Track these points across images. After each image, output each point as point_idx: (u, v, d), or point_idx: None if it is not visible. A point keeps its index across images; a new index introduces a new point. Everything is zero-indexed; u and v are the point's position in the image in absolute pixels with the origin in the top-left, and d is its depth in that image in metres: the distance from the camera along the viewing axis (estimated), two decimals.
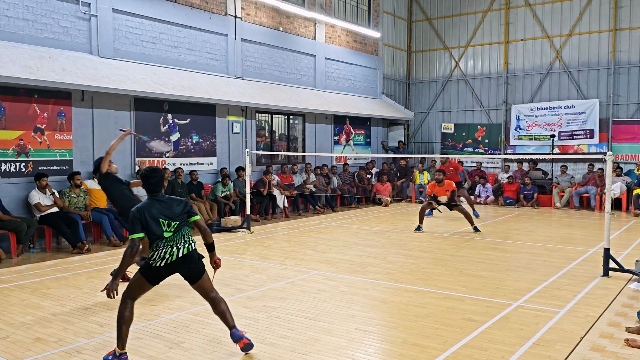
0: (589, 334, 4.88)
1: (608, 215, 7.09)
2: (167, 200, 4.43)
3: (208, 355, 4.43)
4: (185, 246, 4.38)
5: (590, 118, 16.54)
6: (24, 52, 8.98)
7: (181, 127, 11.85)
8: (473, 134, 18.86)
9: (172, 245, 4.33)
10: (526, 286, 6.58)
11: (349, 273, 7.31)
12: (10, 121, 8.95)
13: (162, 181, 4.49)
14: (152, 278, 4.38)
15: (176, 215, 4.39)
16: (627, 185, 14.41)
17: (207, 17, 12.43)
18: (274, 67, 14.42)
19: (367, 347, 4.62)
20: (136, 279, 4.40)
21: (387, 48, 19.37)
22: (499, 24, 18.29)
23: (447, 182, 10.79)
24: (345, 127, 17.23)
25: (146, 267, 4.37)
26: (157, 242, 4.33)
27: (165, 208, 4.37)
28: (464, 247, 9.27)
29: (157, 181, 4.45)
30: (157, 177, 4.45)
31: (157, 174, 4.44)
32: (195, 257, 4.44)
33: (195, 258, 4.44)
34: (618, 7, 16.17)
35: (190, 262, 4.39)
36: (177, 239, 4.36)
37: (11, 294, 6.30)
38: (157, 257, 4.32)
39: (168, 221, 4.34)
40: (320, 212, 13.99)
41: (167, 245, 4.32)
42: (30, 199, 8.91)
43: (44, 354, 4.47)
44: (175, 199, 4.49)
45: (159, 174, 4.47)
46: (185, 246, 4.37)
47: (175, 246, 4.34)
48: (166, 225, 4.33)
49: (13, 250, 8.37)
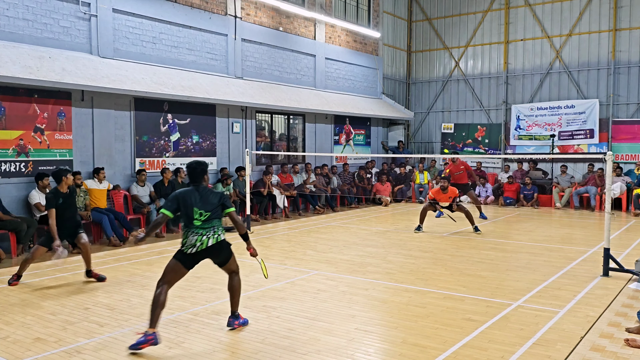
0: (589, 334, 4.88)
1: (608, 215, 7.09)
2: (205, 192, 4.89)
3: (208, 355, 4.43)
4: (215, 237, 4.82)
5: (590, 118, 16.54)
6: (24, 52, 8.98)
7: (181, 127, 11.85)
8: (473, 134, 18.86)
9: (202, 234, 4.76)
10: (526, 286, 6.58)
11: (349, 273, 7.31)
12: (10, 121, 8.95)
13: (203, 173, 4.95)
14: (186, 263, 4.81)
15: (210, 206, 4.83)
16: (627, 185, 14.41)
17: (207, 17, 12.43)
18: (274, 67, 14.42)
19: (367, 347, 4.62)
20: (172, 264, 4.81)
21: (387, 48, 19.38)
22: (499, 24, 18.29)
23: (451, 189, 10.77)
24: (345, 127, 17.23)
25: (179, 253, 4.83)
26: (187, 229, 4.80)
27: (202, 199, 4.83)
28: (464, 247, 9.26)
29: (200, 172, 4.92)
30: (200, 169, 4.92)
31: (201, 166, 4.93)
32: (223, 245, 4.90)
33: (224, 247, 4.91)
34: (618, 7, 16.17)
35: (219, 250, 4.87)
36: (206, 229, 4.79)
37: (11, 294, 6.30)
38: (188, 244, 4.77)
39: (201, 211, 4.79)
40: (320, 212, 14.00)
41: (197, 234, 4.76)
42: (31, 199, 8.91)
43: (43, 354, 4.47)
44: (213, 192, 4.96)
45: (202, 166, 4.94)
46: (214, 237, 4.81)
47: (205, 235, 4.77)
48: (198, 215, 4.78)
49: (13, 250, 8.37)
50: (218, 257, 4.93)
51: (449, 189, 10.73)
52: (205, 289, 6.47)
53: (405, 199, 16.78)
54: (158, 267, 7.68)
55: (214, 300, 5.99)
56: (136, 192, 10.55)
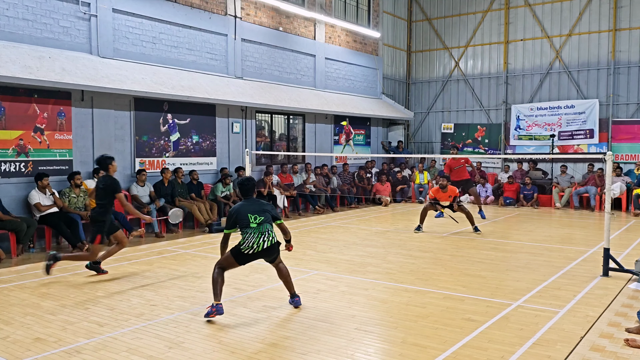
0: (588, 334, 4.88)
1: (608, 215, 7.09)
2: (255, 201, 5.62)
3: (208, 355, 4.43)
4: (270, 239, 5.46)
5: (590, 118, 16.54)
6: (23, 52, 8.98)
7: (181, 127, 11.85)
8: (473, 134, 18.86)
9: (259, 236, 5.39)
10: (526, 286, 6.58)
11: (348, 273, 7.31)
12: (10, 121, 8.95)
13: (253, 188, 5.69)
14: (240, 260, 5.49)
15: (261, 211, 5.50)
16: (627, 185, 14.41)
17: (207, 17, 12.43)
18: (274, 67, 14.42)
19: (367, 347, 4.62)
20: (228, 256, 5.51)
21: (387, 48, 19.38)
22: (499, 24, 18.30)
23: (451, 188, 10.73)
24: (345, 127, 17.23)
25: (237, 250, 5.43)
26: (245, 231, 5.41)
27: (254, 206, 5.53)
28: (464, 247, 9.27)
29: (250, 188, 5.68)
30: (250, 185, 5.67)
31: (250, 182, 5.68)
32: (276, 247, 5.56)
33: (276, 248, 5.56)
34: (618, 7, 16.18)
35: (272, 252, 5.53)
36: (262, 232, 5.42)
37: (11, 294, 6.30)
38: (246, 245, 5.39)
39: (255, 215, 5.46)
40: (320, 212, 14.00)
41: (254, 236, 5.39)
42: (30, 199, 8.91)
43: (43, 354, 4.47)
44: (263, 202, 5.64)
45: (252, 182, 5.69)
46: (270, 239, 5.45)
47: (261, 238, 5.40)
48: (253, 219, 5.44)
49: (13, 250, 8.37)
50: (270, 257, 5.57)
51: (448, 188, 10.69)
52: (205, 289, 6.47)
53: (405, 199, 16.78)
54: (158, 267, 7.68)
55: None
56: (136, 192, 10.55)
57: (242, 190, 5.66)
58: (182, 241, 9.90)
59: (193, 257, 8.45)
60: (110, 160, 6.98)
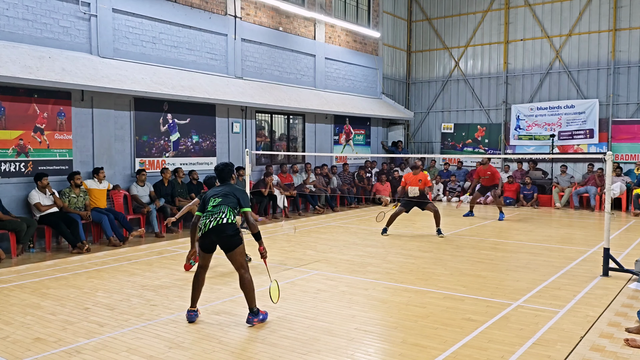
0: (588, 334, 4.88)
1: (608, 215, 7.09)
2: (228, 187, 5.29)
3: (208, 355, 4.43)
4: (217, 219, 5.06)
5: (590, 118, 16.54)
6: (23, 52, 8.98)
7: (181, 127, 11.85)
8: (473, 134, 18.86)
9: (209, 217, 5.10)
10: (526, 286, 6.58)
11: (348, 273, 7.31)
12: (10, 121, 8.94)
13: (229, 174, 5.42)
14: (202, 247, 5.19)
15: (222, 194, 5.19)
16: (627, 185, 14.42)
17: (207, 17, 12.43)
18: (274, 67, 14.42)
19: (367, 347, 4.62)
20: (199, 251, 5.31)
21: (387, 48, 19.38)
22: (499, 24, 18.29)
23: (422, 174, 10.55)
24: (345, 127, 17.23)
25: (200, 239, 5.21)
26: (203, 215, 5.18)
27: (222, 190, 5.24)
28: (464, 247, 9.27)
29: (226, 173, 5.40)
30: (226, 170, 5.40)
31: (226, 168, 5.41)
32: (226, 229, 5.07)
33: (227, 230, 5.07)
34: (618, 7, 16.18)
35: (220, 232, 5.06)
36: (214, 212, 5.10)
37: (11, 294, 6.30)
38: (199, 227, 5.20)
39: (214, 198, 5.20)
40: (320, 212, 13.99)
41: (206, 217, 5.12)
42: (30, 198, 8.91)
43: (43, 354, 4.47)
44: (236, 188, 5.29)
45: (228, 168, 5.42)
46: (217, 219, 5.06)
47: (209, 218, 5.09)
48: (212, 201, 5.19)
49: (13, 250, 8.36)
50: (220, 240, 5.09)
51: (420, 173, 10.52)
52: (205, 289, 6.44)
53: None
54: (158, 267, 7.68)
55: (213, 300, 5.99)
56: (136, 192, 10.55)
57: (218, 175, 5.46)
58: (182, 241, 9.90)
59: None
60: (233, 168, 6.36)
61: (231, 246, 5.11)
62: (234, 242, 5.12)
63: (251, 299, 5.14)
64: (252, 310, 5.14)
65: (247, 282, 5.13)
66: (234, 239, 5.11)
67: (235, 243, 5.12)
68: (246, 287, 5.13)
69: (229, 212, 5.13)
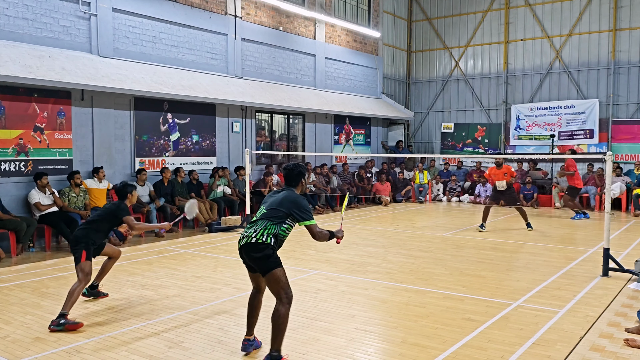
0: (588, 334, 4.88)
1: (608, 215, 7.09)
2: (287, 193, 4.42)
3: (207, 355, 4.43)
4: (248, 236, 4.21)
5: (590, 118, 16.54)
6: (23, 52, 8.97)
7: (181, 127, 11.85)
8: (473, 134, 18.86)
9: (247, 229, 4.31)
10: (526, 286, 6.58)
11: (348, 273, 7.31)
12: (10, 120, 8.94)
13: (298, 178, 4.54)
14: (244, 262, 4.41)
15: (271, 204, 4.35)
16: (627, 185, 14.41)
17: (207, 17, 12.43)
18: (274, 66, 14.42)
19: (366, 347, 4.62)
20: None
21: (387, 48, 19.37)
22: (499, 24, 18.29)
23: (506, 166, 11.00)
24: (345, 127, 17.23)
25: None
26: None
27: (277, 197, 4.40)
28: (464, 247, 9.27)
29: (294, 176, 4.52)
30: (295, 172, 4.52)
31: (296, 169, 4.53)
32: (254, 249, 4.18)
33: (255, 251, 4.18)
34: (618, 7, 16.17)
35: (248, 252, 4.23)
36: (251, 227, 4.29)
37: (11, 294, 6.30)
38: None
39: (263, 206, 4.41)
40: (319, 211, 13.99)
41: (246, 229, 4.33)
42: (30, 198, 8.91)
43: (43, 354, 4.47)
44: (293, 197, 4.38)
45: (298, 169, 4.54)
46: (248, 236, 4.21)
47: (246, 231, 4.29)
48: (259, 210, 4.40)
49: (13, 249, 8.36)
50: (251, 260, 4.27)
51: (504, 166, 10.94)
52: (205, 289, 6.47)
53: (405, 198, 16.77)
54: (157, 267, 7.68)
55: (213, 300, 5.99)
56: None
57: (285, 176, 4.58)
58: (181, 240, 9.90)
59: (193, 256, 8.45)
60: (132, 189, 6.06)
61: (263, 269, 4.19)
62: (267, 265, 4.17)
63: (277, 338, 4.08)
64: (272, 355, 4.08)
65: (279, 316, 4.09)
66: (265, 261, 4.16)
67: (268, 267, 4.16)
68: (276, 321, 4.09)
69: (265, 229, 4.21)
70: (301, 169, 4.56)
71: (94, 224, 5.71)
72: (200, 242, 9.78)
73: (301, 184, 4.58)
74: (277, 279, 4.16)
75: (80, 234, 5.61)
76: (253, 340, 4.51)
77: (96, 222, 5.74)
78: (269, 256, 4.18)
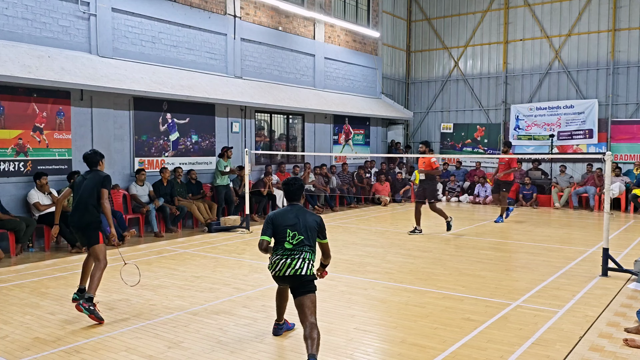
0: (587, 334, 4.88)
1: (607, 215, 7.10)
2: (301, 211, 4.51)
3: (207, 355, 4.43)
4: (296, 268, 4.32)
5: (589, 118, 16.55)
6: (23, 52, 8.97)
7: (180, 127, 11.85)
8: (472, 134, 18.87)
9: (285, 258, 4.35)
10: (525, 286, 6.58)
11: (348, 273, 7.31)
12: (9, 120, 8.94)
13: (300, 191, 4.63)
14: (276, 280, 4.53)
15: (303, 226, 4.42)
16: (626, 185, 14.42)
17: (207, 17, 12.43)
18: (273, 66, 14.42)
19: (366, 347, 4.62)
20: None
21: (387, 48, 19.38)
22: (498, 24, 18.30)
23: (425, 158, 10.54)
24: (345, 127, 17.23)
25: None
26: (276, 248, 4.45)
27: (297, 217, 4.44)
28: (463, 247, 9.27)
29: (296, 189, 4.59)
30: (296, 186, 4.59)
31: (297, 183, 4.60)
32: (307, 280, 4.37)
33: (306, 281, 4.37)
34: (617, 7, 16.18)
35: (296, 281, 4.36)
36: (293, 255, 4.36)
37: (10, 294, 6.29)
38: (271, 264, 4.44)
39: (291, 229, 4.41)
40: (319, 211, 13.99)
41: (281, 257, 4.37)
42: (29, 198, 8.90)
43: (42, 354, 4.47)
44: (309, 213, 4.54)
45: (299, 183, 4.62)
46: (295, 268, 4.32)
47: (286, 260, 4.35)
48: (289, 235, 4.40)
49: (12, 249, 8.36)
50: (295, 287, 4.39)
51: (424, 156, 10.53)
52: (204, 289, 6.47)
53: (404, 198, 16.78)
54: (157, 267, 7.68)
55: (213, 300, 5.99)
56: (135, 192, 10.54)
57: (285, 192, 4.64)
58: (181, 241, 9.89)
59: (192, 256, 8.45)
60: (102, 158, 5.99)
61: (305, 292, 4.35)
62: (310, 289, 4.38)
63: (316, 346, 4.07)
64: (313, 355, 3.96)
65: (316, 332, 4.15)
66: (309, 286, 4.38)
67: (310, 289, 4.38)
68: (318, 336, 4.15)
69: (310, 260, 4.40)
70: (300, 182, 4.65)
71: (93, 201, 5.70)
72: (199, 242, 9.78)
73: (303, 196, 4.70)
74: (315, 301, 4.38)
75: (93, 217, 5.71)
76: (283, 323, 4.89)
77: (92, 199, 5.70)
78: (314, 280, 4.48)
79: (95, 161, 5.88)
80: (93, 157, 5.87)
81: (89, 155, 5.88)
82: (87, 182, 5.73)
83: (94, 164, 5.87)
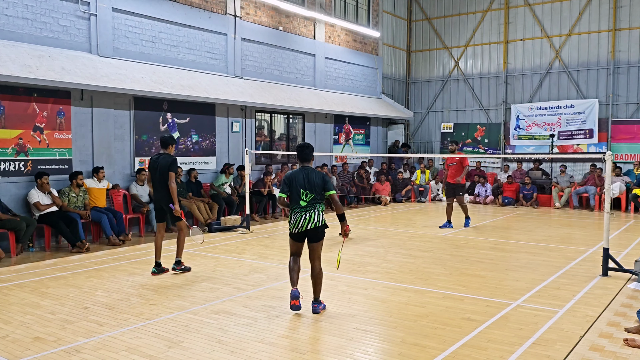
0: (588, 334, 4.88)
1: (607, 215, 7.10)
2: (312, 172, 5.46)
3: (207, 355, 4.43)
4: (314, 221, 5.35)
5: (589, 118, 16.55)
6: (23, 51, 8.97)
7: (180, 126, 11.85)
8: (472, 134, 18.87)
9: (303, 214, 5.36)
10: (525, 286, 6.58)
11: (348, 272, 7.31)
12: (10, 120, 8.94)
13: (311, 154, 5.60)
14: (293, 237, 5.52)
15: (312, 184, 5.39)
16: (627, 185, 14.42)
17: (207, 17, 12.43)
18: (274, 66, 14.42)
19: (366, 347, 4.62)
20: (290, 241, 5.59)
21: (387, 47, 19.38)
22: (499, 24, 18.30)
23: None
24: (345, 127, 17.23)
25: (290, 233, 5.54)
26: (294, 207, 5.43)
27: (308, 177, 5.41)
28: (464, 246, 9.27)
29: (308, 153, 5.58)
30: (308, 149, 5.57)
31: (308, 147, 5.58)
32: (320, 229, 5.43)
33: (320, 230, 5.43)
34: (617, 7, 16.18)
35: (315, 232, 5.42)
36: (309, 211, 5.37)
37: (10, 293, 6.30)
38: (292, 222, 5.44)
39: (303, 190, 5.38)
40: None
41: (300, 214, 5.37)
42: (30, 198, 8.90)
43: (43, 353, 4.47)
44: (317, 172, 5.49)
45: (310, 147, 5.59)
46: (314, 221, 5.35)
47: (304, 215, 5.35)
48: (304, 195, 5.38)
49: (12, 249, 8.36)
50: (313, 236, 5.43)
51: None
52: (204, 289, 6.47)
53: (405, 198, 16.78)
54: None
55: (213, 300, 5.99)
56: (135, 192, 10.54)
57: (299, 154, 5.61)
58: None
59: (192, 256, 8.45)
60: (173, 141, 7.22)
61: (318, 239, 5.47)
62: (322, 235, 5.49)
63: (320, 289, 5.51)
64: (317, 300, 5.50)
65: (320, 272, 5.49)
66: (322, 234, 5.48)
67: (323, 236, 5.50)
68: (319, 277, 5.48)
69: (321, 209, 5.42)
70: (310, 146, 5.60)
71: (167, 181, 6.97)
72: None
73: (313, 158, 5.64)
74: (322, 245, 5.56)
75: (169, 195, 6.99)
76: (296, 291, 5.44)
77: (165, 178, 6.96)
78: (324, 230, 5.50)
79: (167, 145, 7.13)
80: (167, 140, 7.15)
81: (165, 138, 7.15)
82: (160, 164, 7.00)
83: (165, 147, 7.14)
